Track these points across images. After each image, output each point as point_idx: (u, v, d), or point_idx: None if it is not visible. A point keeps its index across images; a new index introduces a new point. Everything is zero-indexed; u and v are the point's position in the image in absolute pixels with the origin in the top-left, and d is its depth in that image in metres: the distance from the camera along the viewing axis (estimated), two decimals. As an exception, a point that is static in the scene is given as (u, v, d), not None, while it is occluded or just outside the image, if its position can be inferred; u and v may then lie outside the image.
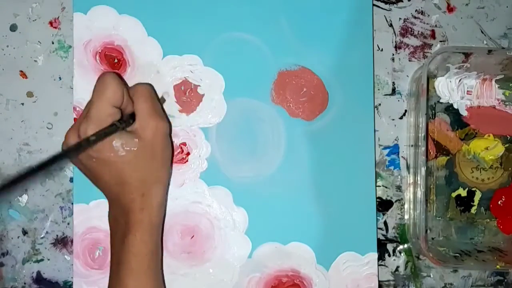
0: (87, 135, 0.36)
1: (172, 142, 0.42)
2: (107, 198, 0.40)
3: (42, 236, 0.44)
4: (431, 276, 0.46)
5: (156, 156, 0.39)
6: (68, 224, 0.44)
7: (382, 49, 0.46)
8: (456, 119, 0.46)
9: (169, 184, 0.42)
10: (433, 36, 0.46)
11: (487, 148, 0.46)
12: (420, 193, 0.42)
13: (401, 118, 0.46)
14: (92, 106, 0.37)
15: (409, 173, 0.45)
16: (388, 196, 0.46)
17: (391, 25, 0.46)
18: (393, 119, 0.46)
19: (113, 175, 0.38)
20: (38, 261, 0.44)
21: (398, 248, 0.45)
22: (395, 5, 0.46)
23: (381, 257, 0.45)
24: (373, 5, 0.45)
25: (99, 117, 0.36)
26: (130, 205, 0.38)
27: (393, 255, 0.45)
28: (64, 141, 0.38)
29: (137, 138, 0.37)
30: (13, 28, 0.44)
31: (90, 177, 0.40)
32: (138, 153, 0.37)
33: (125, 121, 0.38)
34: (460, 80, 0.45)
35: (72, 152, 0.36)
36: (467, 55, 0.42)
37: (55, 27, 0.44)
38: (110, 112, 0.37)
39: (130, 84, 0.42)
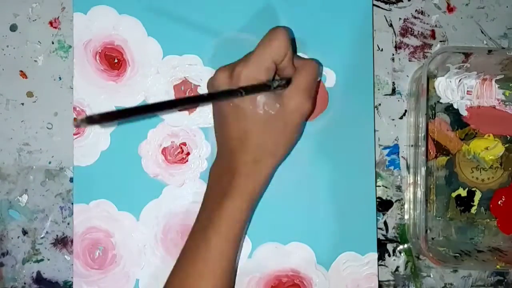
0: (239, 79, 0.36)
1: (303, 131, 0.41)
2: (218, 151, 0.40)
3: (42, 236, 0.44)
4: (431, 276, 0.46)
5: (286, 131, 0.38)
6: (68, 224, 0.44)
7: (382, 49, 0.46)
8: (456, 119, 0.46)
9: (279, 165, 0.40)
10: (433, 36, 0.46)
11: (487, 148, 0.46)
12: (420, 193, 0.41)
13: (401, 118, 0.46)
14: (254, 53, 0.37)
15: (409, 173, 0.45)
16: (388, 196, 0.46)
17: (391, 25, 0.46)
18: (393, 119, 0.46)
19: (240, 128, 0.37)
20: (38, 261, 0.44)
21: (398, 248, 0.45)
22: (395, 5, 0.46)
23: (381, 257, 0.45)
24: (373, 5, 0.45)
25: (257, 65, 0.36)
26: (240, 167, 0.38)
27: (393, 255, 0.45)
28: (213, 76, 0.38)
29: (280, 104, 0.37)
30: (13, 28, 0.44)
31: (218, 119, 0.39)
32: (272, 119, 0.37)
33: (279, 84, 0.37)
34: (460, 80, 0.45)
35: (219, 96, 0.36)
36: (467, 55, 0.42)
37: (55, 27, 0.44)
38: (269, 66, 0.36)
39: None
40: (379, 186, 0.45)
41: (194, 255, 0.38)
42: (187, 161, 0.44)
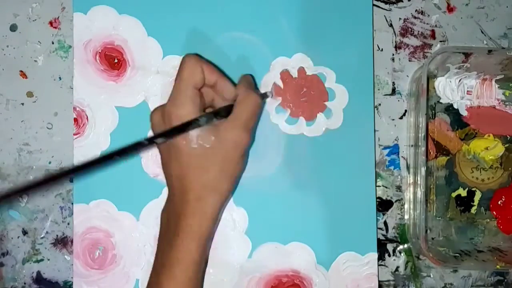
0: (171, 118, 0.36)
1: (246, 163, 0.40)
2: (168, 194, 0.40)
3: (42, 236, 0.44)
4: (431, 276, 0.46)
5: (225, 165, 0.37)
6: (68, 224, 0.44)
7: (382, 49, 0.46)
8: (456, 119, 0.45)
9: (227, 202, 0.40)
10: (433, 36, 0.46)
11: (487, 148, 0.46)
12: (420, 193, 0.41)
13: (401, 118, 0.46)
14: (174, 88, 0.37)
15: (409, 173, 0.45)
16: (388, 196, 0.46)
17: (391, 25, 0.46)
18: (393, 119, 0.46)
19: (177, 165, 0.37)
20: (38, 261, 0.44)
21: (398, 248, 0.45)
22: (395, 5, 0.46)
23: (381, 257, 0.45)
24: (373, 5, 0.45)
25: (180, 98, 0.36)
26: (184, 206, 0.37)
27: (393, 255, 0.45)
28: (150, 117, 0.38)
29: (215, 136, 0.36)
30: (13, 28, 0.44)
31: (161, 158, 0.39)
32: (209, 153, 0.36)
33: (212, 116, 0.37)
34: (460, 80, 0.45)
35: (152, 140, 0.36)
36: (467, 55, 0.42)
37: (55, 27, 0.44)
38: (190, 94, 0.36)
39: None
40: (379, 186, 0.45)
41: None
42: (187, 161, 0.44)
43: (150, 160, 0.44)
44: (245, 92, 0.38)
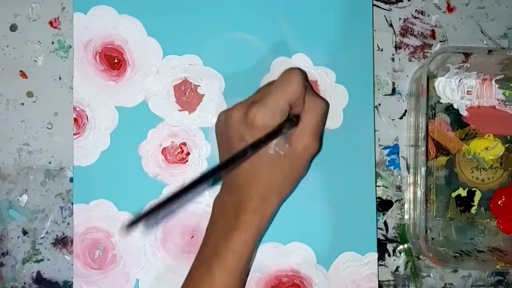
0: (254, 121, 0.36)
1: (309, 168, 0.41)
2: (224, 183, 0.40)
3: (42, 236, 0.44)
4: (431, 276, 0.46)
5: (293, 170, 0.39)
6: (68, 224, 0.44)
7: (382, 49, 0.46)
8: (456, 119, 0.45)
9: (284, 201, 0.41)
10: (433, 36, 0.46)
11: (487, 148, 0.46)
12: (420, 193, 0.41)
13: (401, 118, 0.46)
14: (269, 94, 0.37)
15: (409, 173, 0.45)
16: (388, 196, 0.46)
17: (391, 25, 0.46)
18: (393, 119, 0.46)
19: (248, 166, 0.38)
20: (38, 261, 0.44)
21: (398, 248, 0.45)
22: (395, 5, 0.46)
23: (381, 257, 0.45)
24: (373, 5, 0.45)
25: (273, 109, 0.36)
26: (247, 202, 0.38)
27: (393, 255, 0.45)
28: (228, 112, 0.38)
29: (289, 144, 0.37)
30: (13, 28, 0.44)
31: (226, 154, 0.39)
32: (281, 159, 0.38)
33: (293, 123, 0.37)
34: (460, 80, 0.45)
35: (235, 160, 0.36)
36: (467, 55, 0.42)
37: (55, 27, 0.44)
38: (284, 108, 0.37)
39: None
40: (379, 186, 0.45)
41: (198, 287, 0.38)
42: (187, 161, 0.44)
43: (150, 160, 0.44)
44: (311, 100, 0.39)
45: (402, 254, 0.45)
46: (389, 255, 0.45)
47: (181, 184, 0.34)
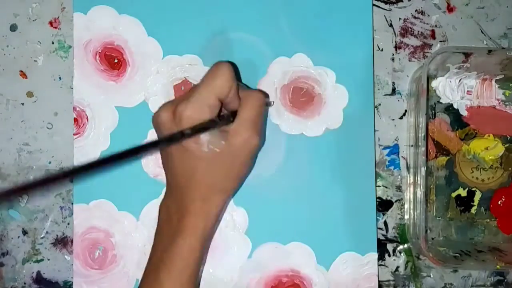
0: (181, 118, 0.35)
1: (254, 164, 0.40)
2: (167, 187, 0.39)
3: (42, 236, 0.44)
4: (431, 276, 0.46)
5: (234, 167, 0.37)
6: (68, 224, 0.44)
7: (382, 49, 0.46)
8: (456, 119, 0.45)
9: (230, 200, 0.40)
10: (433, 36, 0.46)
11: (487, 148, 0.46)
12: (420, 193, 0.41)
13: (401, 118, 0.46)
14: (197, 90, 0.36)
15: (409, 173, 0.45)
16: (388, 196, 0.46)
17: (391, 25, 0.46)
18: (393, 119, 0.46)
19: (186, 166, 0.36)
20: (38, 261, 0.44)
21: (398, 248, 0.45)
22: (395, 5, 0.46)
23: (381, 257, 0.45)
24: (373, 5, 0.45)
25: (200, 103, 0.35)
26: (189, 206, 0.37)
27: (393, 255, 0.45)
28: (156, 113, 0.37)
29: (225, 141, 0.36)
30: (13, 28, 0.44)
31: (164, 157, 0.39)
32: (219, 156, 0.36)
33: (225, 119, 0.36)
34: (460, 80, 0.45)
35: (164, 142, 0.35)
36: (467, 55, 0.42)
37: (55, 27, 0.44)
38: (212, 103, 0.35)
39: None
40: (379, 186, 0.45)
41: None
42: (187, 161, 0.44)
43: (150, 160, 0.44)
44: (247, 93, 0.38)
45: (402, 254, 0.45)
46: (389, 255, 0.45)
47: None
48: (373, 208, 0.44)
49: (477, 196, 0.45)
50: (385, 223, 0.45)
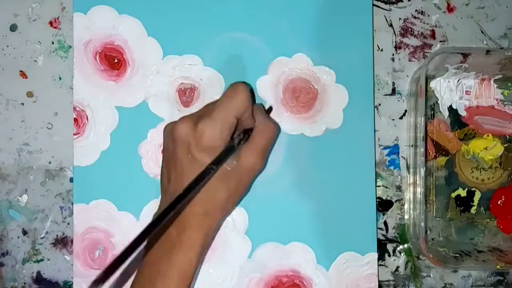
0: (203, 135, 0.36)
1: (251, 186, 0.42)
2: (163, 194, 0.39)
3: (42, 236, 0.44)
4: (431, 276, 0.46)
5: (238, 187, 0.39)
6: (68, 224, 0.44)
7: (382, 49, 0.46)
8: (455, 119, 0.46)
9: (224, 220, 0.42)
10: (433, 36, 0.46)
11: (486, 148, 0.46)
12: (420, 193, 0.42)
13: (401, 118, 0.46)
14: (217, 108, 0.37)
15: (409, 173, 0.45)
16: (388, 196, 0.46)
17: (391, 25, 0.46)
18: (393, 119, 0.46)
19: (190, 179, 0.36)
20: (38, 261, 0.44)
21: (398, 248, 0.45)
22: (395, 5, 0.46)
23: (381, 257, 0.45)
24: (373, 5, 0.45)
25: (221, 123, 0.36)
26: (190, 219, 0.37)
27: (393, 255, 0.45)
28: (175, 126, 0.37)
29: (236, 161, 0.38)
30: (13, 28, 0.44)
31: (170, 168, 0.38)
32: (227, 175, 0.37)
33: (241, 144, 0.38)
34: (458, 80, 0.45)
35: (195, 185, 0.35)
36: (465, 55, 0.42)
37: (55, 27, 0.44)
38: (231, 122, 0.37)
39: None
40: (379, 186, 0.45)
41: None
42: (187, 161, 0.44)
43: (150, 160, 0.44)
44: (264, 121, 0.39)
45: (402, 254, 0.46)
46: (389, 255, 0.45)
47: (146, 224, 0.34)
48: (373, 208, 0.44)
49: (477, 196, 0.46)
50: (385, 223, 0.45)
